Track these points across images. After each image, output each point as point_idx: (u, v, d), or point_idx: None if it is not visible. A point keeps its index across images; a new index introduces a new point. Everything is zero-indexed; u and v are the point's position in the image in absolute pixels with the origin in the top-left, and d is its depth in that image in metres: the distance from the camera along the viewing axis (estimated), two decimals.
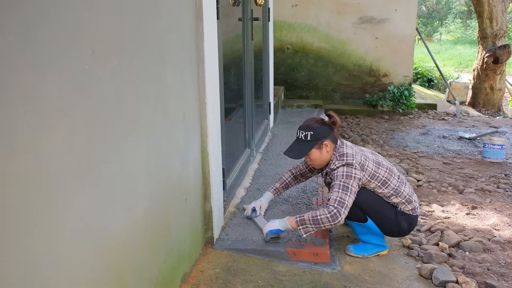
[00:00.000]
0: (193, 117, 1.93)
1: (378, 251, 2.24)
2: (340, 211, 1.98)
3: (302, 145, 2.17)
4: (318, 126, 2.15)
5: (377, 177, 2.13)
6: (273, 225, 2.12)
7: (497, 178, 3.70)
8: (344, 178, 2.05)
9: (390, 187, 2.14)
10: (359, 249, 2.22)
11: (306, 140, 2.16)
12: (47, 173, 0.93)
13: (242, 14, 2.99)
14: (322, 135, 2.14)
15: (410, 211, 2.17)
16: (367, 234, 2.21)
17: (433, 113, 6.89)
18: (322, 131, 2.15)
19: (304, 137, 2.16)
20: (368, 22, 6.48)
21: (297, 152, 2.19)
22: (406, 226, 2.18)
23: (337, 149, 2.17)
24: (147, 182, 1.45)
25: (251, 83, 3.24)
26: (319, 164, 2.22)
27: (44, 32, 0.90)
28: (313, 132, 2.14)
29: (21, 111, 0.85)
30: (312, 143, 2.15)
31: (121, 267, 1.28)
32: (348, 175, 2.05)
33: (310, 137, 2.14)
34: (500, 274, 2.14)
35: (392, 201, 2.16)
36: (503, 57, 7.95)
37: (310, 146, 2.15)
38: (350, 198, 2.02)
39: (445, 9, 26.23)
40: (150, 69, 1.44)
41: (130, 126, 1.31)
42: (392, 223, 2.17)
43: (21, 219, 0.86)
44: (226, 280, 1.88)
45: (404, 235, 2.30)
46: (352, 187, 2.04)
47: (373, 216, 2.16)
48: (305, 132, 2.16)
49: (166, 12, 1.58)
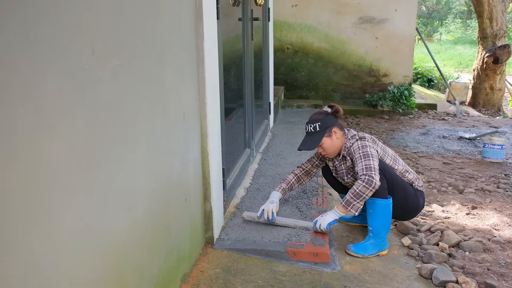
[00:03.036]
0: (193, 117, 1.93)
1: (378, 251, 2.25)
2: (372, 175, 2.12)
3: (313, 136, 2.31)
4: (323, 116, 2.31)
5: (388, 153, 2.33)
6: (328, 218, 2.21)
7: (497, 178, 3.70)
8: (361, 149, 2.22)
9: (401, 164, 2.36)
10: (360, 249, 2.22)
11: (315, 131, 2.30)
12: (46, 173, 0.93)
13: (242, 14, 2.99)
14: (329, 124, 2.30)
15: (421, 187, 2.37)
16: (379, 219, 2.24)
17: (433, 113, 6.90)
18: (328, 120, 2.31)
19: (314, 129, 2.31)
20: (368, 22, 6.48)
21: (310, 143, 2.31)
22: (422, 201, 2.36)
23: (346, 134, 2.35)
24: (147, 182, 1.45)
25: (251, 83, 3.24)
26: (333, 152, 2.34)
27: (44, 32, 0.90)
28: (321, 123, 2.29)
29: (21, 111, 0.85)
30: (322, 133, 2.29)
31: (121, 267, 1.28)
32: (363, 145, 2.23)
33: (319, 128, 2.29)
34: (500, 274, 2.14)
35: (407, 177, 2.33)
36: (503, 57, 7.95)
37: (321, 135, 2.29)
38: (375, 161, 2.18)
39: (445, 9, 26.23)
40: (150, 69, 1.44)
41: (130, 126, 1.31)
42: (413, 198, 2.32)
43: (21, 219, 0.86)
44: (226, 280, 1.88)
45: (419, 212, 2.43)
46: (371, 153, 2.21)
47: (398, 190, 2.28)
48: (313, 124, 2.31)
49: (166, 12, 1.58)
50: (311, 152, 3.30)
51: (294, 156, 3.54)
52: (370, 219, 2.26)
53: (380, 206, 2.21)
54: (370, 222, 2.26)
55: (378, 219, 2.24)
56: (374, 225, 2.25)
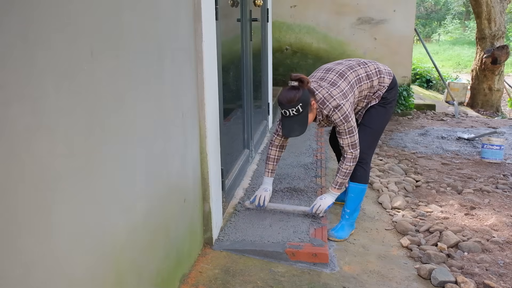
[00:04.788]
0: (192, 117, 1.93)
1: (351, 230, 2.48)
2: (356, 152, 2.30)
3: (299, 119, 2.18)
4: (299, 95, 2.14)
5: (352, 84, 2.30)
6: (327, 202, 2.38)
7: (496, 178, 3.70)
8: (344, 123, 2.23)
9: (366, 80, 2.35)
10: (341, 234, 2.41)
11: (299, 113, 2.16)
12: (45, 173, 0.93)
13: (241, 15, 2.99)
14: (308, 100, 2.17)
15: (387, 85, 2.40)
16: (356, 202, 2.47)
17: (431, 113, 6.90)
18: (305, 96, 2.16)
19: (297, 112, 2.15)
20: (367, 23, 6.49)
21: (299, 128, 2.20)
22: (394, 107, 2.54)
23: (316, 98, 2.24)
24: (146, 182, 1.45)
25: (250, 84, 3.24)
26: (312, 121, 2.31)
27: (43, 32, 0.90)
28: (302, 103, 2.14)
29: (20, 112, 0.84)
30: (306, 112, 2.17)
31: (120, 267, 1.28)
32: (344, 117, 2.22)
33: (301, 108, 2.15)
34: (498, 274, 2.14)
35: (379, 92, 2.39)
36: (502, 58, 7.96)
37: (306, 115, 2.18)
38: (356, 134, 2.29)
39: (444, 10, 26.25)
40: (148, 70, 1.44)
41: (129, 127, 1.31)
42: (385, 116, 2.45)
43: (20, 219, 0.86)
44: (225, 280, 1.88)
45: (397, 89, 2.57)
46: (353, 126, 2.25)
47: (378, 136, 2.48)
48: (295, 107, 2.14)
49: (164, 13, 1.58)
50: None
51: (293, 156, 3.54)
52: (350, 202, 2.46)
53: (360, 190, 2.45)
54: (348, 205, 2.46)
55: (355, 202, 2.46)
56: (352, 207, 2.45)
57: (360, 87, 2.34)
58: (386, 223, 2.71)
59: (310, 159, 3.46)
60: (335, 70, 2.34)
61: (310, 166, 3.29)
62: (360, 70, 2.36)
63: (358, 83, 2.33)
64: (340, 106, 2.20)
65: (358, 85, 2.33)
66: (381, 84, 2.39)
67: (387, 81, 2.40)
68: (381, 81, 2.39)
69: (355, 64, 2.39)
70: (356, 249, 2.33)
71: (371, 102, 2.42)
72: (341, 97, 2.22)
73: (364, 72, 2.36)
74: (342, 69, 2.34)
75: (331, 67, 2.38)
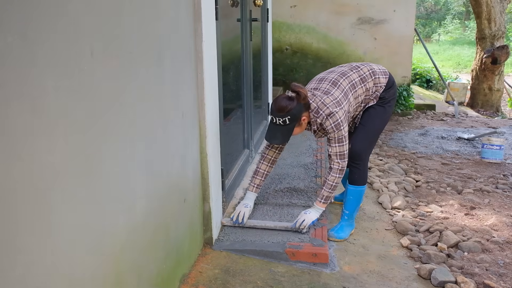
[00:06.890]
0: (192, 117, 1.93)
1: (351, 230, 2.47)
2: (343, 163, 2.26)
3: (283, 129, 2.15)
4: (291, 107, 2.10)
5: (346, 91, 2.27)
6: (311, 217, 2.29)
7: (496, 178, 3.70)
8: (335, 131, 2.19)
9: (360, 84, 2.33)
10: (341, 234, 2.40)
11: (285, 124, 2.13)
12: (45, 173, 0.93)
13: (241, 15, 2.99)
14: (298, 114, 2.14)
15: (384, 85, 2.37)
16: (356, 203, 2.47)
17: (431, 113, 6.90)
18: (297, 110, 2.12)
19: (283, 122, 2.12)
20: (367, 23, 6.49)
21: (281, 137, 2.18)
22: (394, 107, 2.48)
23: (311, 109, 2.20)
24: (146, 182, 1.45)
25: (250, 84, 3.24)
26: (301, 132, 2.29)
27: (42, 31, 0.90)
28: (290, 116, 2.11)
29: (20, 111, 0.84)
30: (292, 125, 2.14)
31: (120, 267, 1.28)
32: (336, 125, 2.18)
33: (289, 121, 2.12)
34: (498, 274, 2.14)
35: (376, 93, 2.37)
36: (502, 58, 7.96)
37: (291, 128, 2.15)
38: (346, 144, 2.25)
39: (444, 10, 26.26)
40: (148, 69, 1.44)
41: (129, 127, 1.31)
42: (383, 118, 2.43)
43: (20, 219, 0.86)
44: (225, 280, 1.88)
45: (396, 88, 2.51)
46: (344, 135, 2.21)
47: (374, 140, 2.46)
48: (282, 118, 2.11)
49: (164, 13, 1.58)
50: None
51: (293, 156, 3.54)
52: (349, 204, 2.46)
53: (359, 192, 2.45)
54: (348, 207, 2.46)
55: (355, 204, 2.46)
56: (351, 208, 2.45)
57: (355, 92, 2.31)
58: (386, 223, 2.71)
59: (310, 159, 3.46)
60: (328, 79, 2.32)
61: (310, 166, 3.29)
62: (353, 75, 2.34)
63: (353, 89, 2.31)
64: (333, 114, 2.17)
65: (353, 91, 2.31)
66: (377, 85, 2.38)
67: (383, 80, 2.39)
68: (377, 82, 2.38)
69: (347, 70, 2.37)
70: (356, 249, 2.33)
71: (369, 103, 2.41)
72: (334, 105, 2.19)
73: (357, 77, 2.34)
74: (335, 77, 2.32)
75: (323, 76, 2.37)
